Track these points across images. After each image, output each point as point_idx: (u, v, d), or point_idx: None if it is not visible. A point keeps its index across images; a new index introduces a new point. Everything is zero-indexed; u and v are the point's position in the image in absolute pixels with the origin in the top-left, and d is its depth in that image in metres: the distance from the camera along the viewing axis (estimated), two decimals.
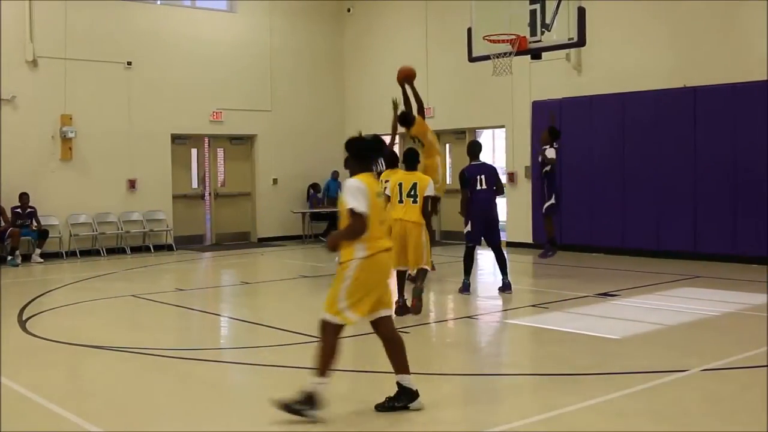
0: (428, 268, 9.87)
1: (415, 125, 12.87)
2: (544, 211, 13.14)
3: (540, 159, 13.10)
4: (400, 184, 9.74)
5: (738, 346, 7.88)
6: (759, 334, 8.47)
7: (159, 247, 18.18)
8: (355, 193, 5.67)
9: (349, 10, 21.52)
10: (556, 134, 13.04)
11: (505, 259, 11.50)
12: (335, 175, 20.27)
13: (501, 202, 13.82)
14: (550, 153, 12.86)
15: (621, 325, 9.12)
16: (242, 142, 20.26)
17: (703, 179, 14.49)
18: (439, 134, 19.60)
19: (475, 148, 11.55)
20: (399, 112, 13.20)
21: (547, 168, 12.91)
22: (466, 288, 11.24)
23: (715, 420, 5.72)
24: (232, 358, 8.04)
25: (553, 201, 12.91)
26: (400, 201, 9.67)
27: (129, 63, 17.99)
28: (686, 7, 14.89)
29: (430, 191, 9.59)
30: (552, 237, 13.26)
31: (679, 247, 14.73)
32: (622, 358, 7.51)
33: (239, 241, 19.95)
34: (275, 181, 20.31)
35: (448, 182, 17.78)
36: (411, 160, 9.91)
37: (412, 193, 9.63)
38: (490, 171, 11.36)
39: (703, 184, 14.47)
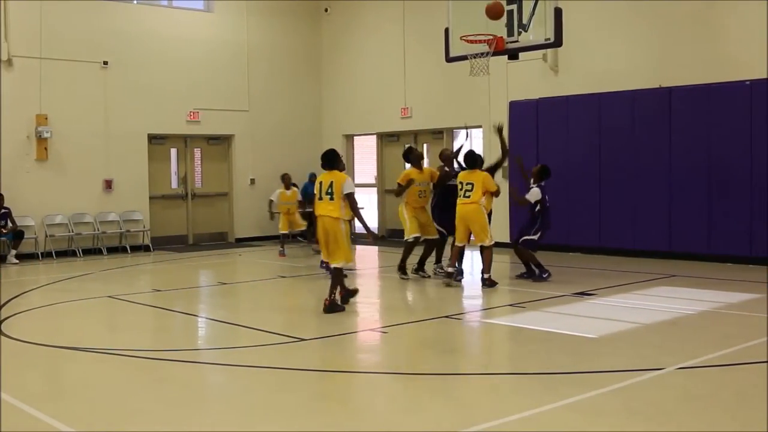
0: (340, 265, 10.06)
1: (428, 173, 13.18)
2: (521, 242, 12.57)
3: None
4: (321, 183, 10.18)
5: (714, 344, 7.94)
6: (734, 332, 8.55)
7: (136, 248, 18.09)
8: None
9: (326, 10, 21.50)
10: (546, 173, 12.64)
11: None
12: (312, 178, 20.10)
13: None
14: (533, 195, 12.41)
15: (598, 324, 9.17)
16: (219, 143, 20.20)
17: (679, 179, 14.60)
18: (416, 134, 19.71)
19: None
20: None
21: (538, 208, 12.43)
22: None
23: (690, 418, 5.76)
24: (209, 358, 8.01)
25: (535, 237, 12.44)
26: (320, 198, 10.11)
27: (105, 63, 17.88)
28: (662, 8, 15.00)
29: (347, 189, 9.92)
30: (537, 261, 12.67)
31: (655, 247, 14.84)
32: (599, 357, 7.56)
33: (216, 241, 19.90)
34: (252, 181, 20.27)
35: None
36: (329, 161, 10.19)
37: (330, 191, 10.04)
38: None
39: (678, 183, 14.58)
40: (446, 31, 13.66)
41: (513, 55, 13.52)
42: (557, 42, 12.45)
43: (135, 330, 9.60)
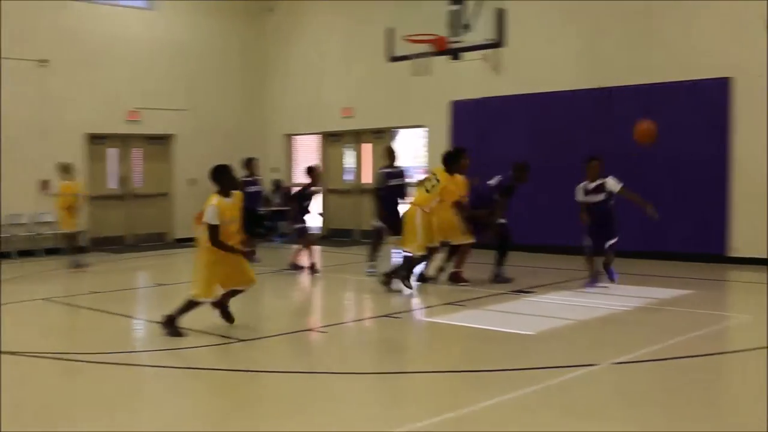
0: (191, 297, 8.55)
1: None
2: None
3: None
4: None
5: (647, 340, 8.07)
6: (667, 327, 8.70)
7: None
8: None
9: (271, 10, 21.38)
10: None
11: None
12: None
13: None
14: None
15: (535, 321, 9.25)
16: (160, 142, 19.96)
17: (617, 177, 14.78)
18: (359, 133, 19.71)
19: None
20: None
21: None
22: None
23: (623, 412, 5.84)
24: (147, 360, 7.91)
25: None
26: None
27: (43, 61, 17.55)
28: (602, 8, 15.20)
29: (206, 218, 8.43)
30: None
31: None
32: (536, 354, 7.63)
33: (156, 242, 19.65)
34: (193, 181, 20.04)
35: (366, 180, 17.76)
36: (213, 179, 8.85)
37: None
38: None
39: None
40: (389, 31, 13.69)
41: (455, 55, 13.60)
42: (499, 42, 12.56)
43: (71, 333, 9.45)
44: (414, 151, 19.40)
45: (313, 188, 13.74)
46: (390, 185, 12.82)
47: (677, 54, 14.31)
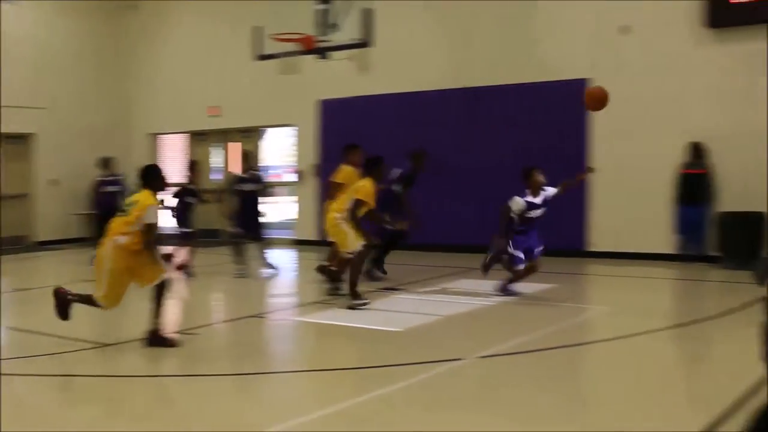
0: (96, 299, 7.92)
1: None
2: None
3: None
4: None
5: (511, 333, 8.30)
6: (531, 321, 8.98)
7: None
8: None
9: (135, 7, 20.87)
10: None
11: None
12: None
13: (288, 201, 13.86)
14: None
15: (403, 318, 9.38)
16: (20, 141, 19.19)
17: (483, 176, 15.18)
18: (226, 133, 19.50)
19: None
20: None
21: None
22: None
23: (487, 405, 5.99)
24: (3, 369, 7.62)
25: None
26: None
27: None
28: (468, 9, 15.53)
29: (148, 217, 7.72)
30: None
31: (463, 241, 15.33)
32: (403, 350, 7.74)
33: (16, 245, 18.90)
34: (55, 181, 19.39)
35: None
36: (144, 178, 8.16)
37: None
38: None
39: (482, 180, 15.15)
40: (256, 29, 13.62)
41: (323, 54, 13.64)
42: (367, 42, 12.67)
43: None
44: (283, 150, 19.37)
45: (193, 185, 13.13)
46: (242, 190, 12.69)
47: (540, 55, 14.79)
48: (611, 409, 5.88)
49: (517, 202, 10.23)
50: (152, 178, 8.06)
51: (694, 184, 13.15)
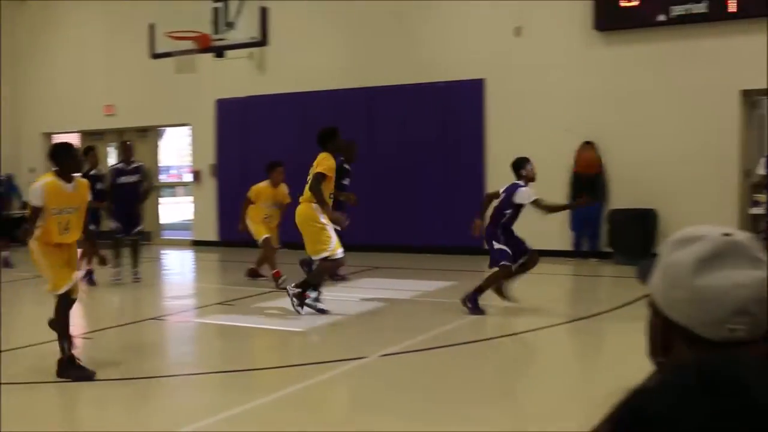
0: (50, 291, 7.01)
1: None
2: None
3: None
4: None
5: (413, 331, 8.36)
6: (432, 318, 9.07)
7: None
8: None
9: (24, 3, 20.16)
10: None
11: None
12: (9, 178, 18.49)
13: (187, 201, 13.61)
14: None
15: (305, 318, 9.35)
16: None
17: (380, 175, 15.26)
18: (121, 132, 19.05)
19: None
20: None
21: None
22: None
23: (390, 402, 6.03)
24: None
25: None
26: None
27: None
28: (366, 9, 15.58)
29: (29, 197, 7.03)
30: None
31: (359, 240, 15.37)
32: (307, 350, 7.74)
33: None
34: None
35: None
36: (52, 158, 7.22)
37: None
38: None
39: (379, 179, 15.22)
40: (151, 26, 13.37)
41: (219, 52, 13.49)
42: (263, 41, 12.59)
43: None
44: (181, 150, 19.07)
45: (93, 171, 11.99)
46: (120, 183, 12.04)
47: (437, 56, 14.95)
48: (509, 404, 6.00)
49: (526, 193, 9.26)
50: (60, 157, 7.05)
51: (588, 182, 13.51)
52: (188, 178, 19.73)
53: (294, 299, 8.99)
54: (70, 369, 6.67)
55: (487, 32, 14.56)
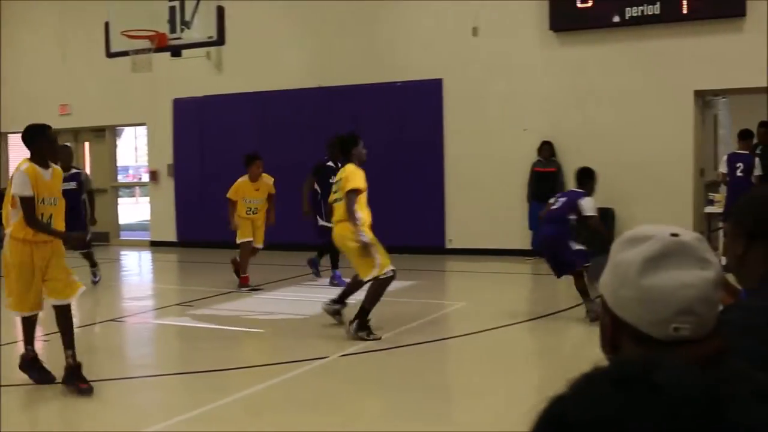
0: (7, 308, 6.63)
1: None
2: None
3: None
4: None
5: (375, 330, 8.38)
6: (394, 317, 9.08)
7: None
8: None
9: None
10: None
11: None
12: None
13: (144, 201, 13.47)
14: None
15: (265, 318, 9.36)
16: None
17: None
18: (77, 132, 18.86)
19: None
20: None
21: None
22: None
23: (351, 401, 6.07)
24: None
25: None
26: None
27: None
28: (324, 9, 15.56)
29: (14, 188, 6.27)
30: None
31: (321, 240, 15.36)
32: (267, 351, 7.73)
33: None
34: None
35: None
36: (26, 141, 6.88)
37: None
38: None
39: None
40: (107, 25, 13.24)
41: (176, 52, 13.39)
42: (220, 40, 12.51)
43: None
44: (139, 150, 18.90)
45: (77, 170, 11.77)
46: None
47: (395, 55, 14.99)
48: (470, 403, 6.05)
49: (590, 204, 9.19)
50: (36, 141, 6.51)
51: (546, 181, 13.63)
52: (146, 178, 19.58)
53: (360, 334, 7.92)
54: (31, 371, 6.52)
55: (445, 32, 14.63)
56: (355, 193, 8.15)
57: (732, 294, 2.51)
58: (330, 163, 11.45)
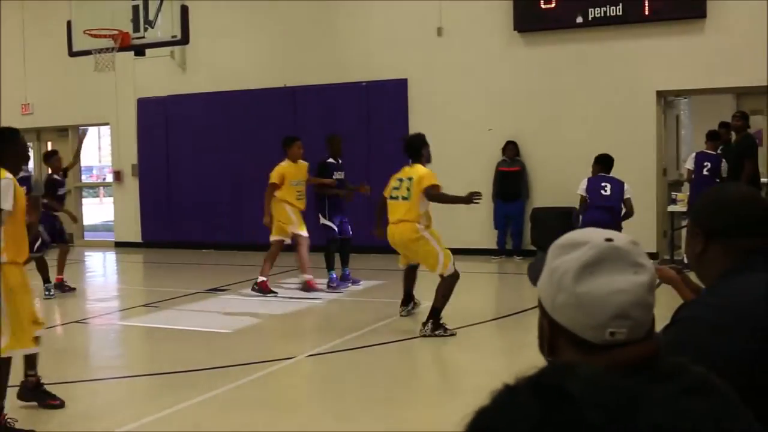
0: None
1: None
2: None
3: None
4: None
5: (340, 331, 8.41)
6: (360, 317, 9.13)
7: None
8: None
9: None
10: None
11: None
12: None
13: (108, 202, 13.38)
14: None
15: (232, 318, 9.33)
16: None
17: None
18: (39, 132, 18.68)
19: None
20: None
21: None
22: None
23: (318, 401, 6.10)
24: None
25: None
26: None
27: None
28: (287, 9, 15.54)
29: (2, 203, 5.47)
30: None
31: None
32: (234, 351, 7.71)
33: None
34: None
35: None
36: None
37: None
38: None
39: None
40: (69, 23, 13.14)
41: (139, 51, 13.31)
42: (184, 39, 12.45)
43: None
44: (103, 150, 18.76)
45: (58, 176, 11.44)
46: None
47: (360, 55, 15.01)
48: (438, 402, 6.09)
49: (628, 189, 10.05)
50: (2, 146, 5.91)
51: (510, 180, 13.74)
52: (111, 178, 19.43)
53: (437, 333, 8.05)
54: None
55: (410, 32, 14.68)
56: (437, 188, 8.34)
57: (695, 292, 2.58)
58: (331, 160, 11.44)
